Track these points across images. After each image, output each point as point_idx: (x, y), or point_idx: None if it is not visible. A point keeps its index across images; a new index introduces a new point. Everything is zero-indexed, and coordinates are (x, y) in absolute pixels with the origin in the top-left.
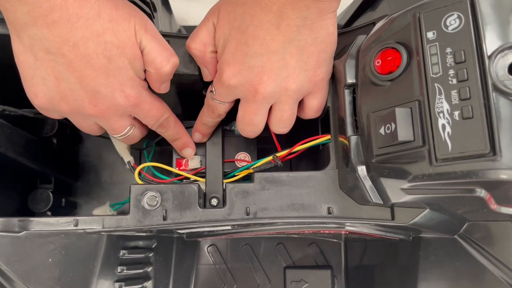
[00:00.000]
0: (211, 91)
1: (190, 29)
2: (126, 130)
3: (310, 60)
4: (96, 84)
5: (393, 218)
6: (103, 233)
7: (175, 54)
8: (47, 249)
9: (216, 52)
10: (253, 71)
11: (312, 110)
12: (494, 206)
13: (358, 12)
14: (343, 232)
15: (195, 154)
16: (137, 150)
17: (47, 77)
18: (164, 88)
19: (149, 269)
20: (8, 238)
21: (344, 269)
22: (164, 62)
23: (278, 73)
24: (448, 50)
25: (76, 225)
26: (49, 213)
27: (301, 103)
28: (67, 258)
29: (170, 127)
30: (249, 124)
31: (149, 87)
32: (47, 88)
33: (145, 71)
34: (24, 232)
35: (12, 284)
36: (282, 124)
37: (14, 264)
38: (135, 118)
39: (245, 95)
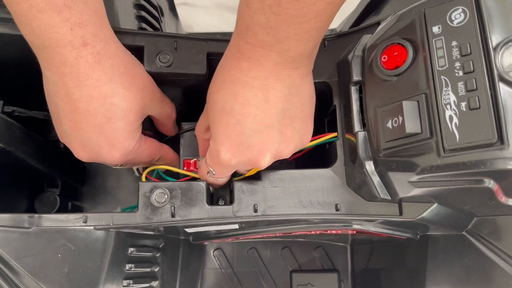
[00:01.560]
0: (210, 172)
1: (195, 35)
2: (119, 166)
3: (301, 128)
4: (86, 138)
5: (401, 214)
6: (111, 230)
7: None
8: (56, 244)
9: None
10: (254, 150)
11: None
12: (502, 198)
13: (362, 17)
14: (350, 232)
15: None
16: None
17: (52, 113)
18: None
19: (156, 269)
20: (17, 234)
21: (351, 273)
22: (169, 127)
23: (278, 147)
24: (454, 43)
25: (86, 222)
26: None
27: None
28: (76, 254)
29: (162, 163)
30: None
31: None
32: (53, 121)
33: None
34: (34, 227)
35: (21, 279)
36: None
37: (23, 260)
38: None
39: (244, 167)
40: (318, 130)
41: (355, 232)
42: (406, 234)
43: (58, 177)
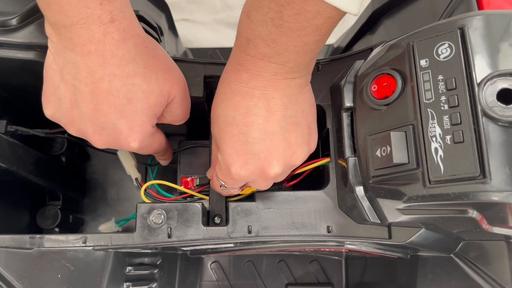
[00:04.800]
0: (222, 186)
1: (195, 51)
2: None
3: (305, 134)
4: (105, 121)
5: (390, 237)
6: (110, 250)
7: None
8: (57, 265)
9: None
10: (260, 157)
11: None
12: (486, 226)
13: (358, 36)
14: (343, 250)
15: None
16: (144, 165)
17: (63, 99)
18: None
19: (154, 285)
20: (20, 255)
21: (345, 286)
22: (184, 117)
23: (284, 153)
24: (440, 77)
25: (85, 242)
26: (57, 229)
27: None
28: (76, 274)
29: (161, 158)
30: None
31: None
32: (59, 109)
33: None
34: (35, 248)
35: None
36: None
37: (25, 280)
38: None
39: (255, 179)
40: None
41: (348, 250)
42: (397, 254)
43: (59, 191)
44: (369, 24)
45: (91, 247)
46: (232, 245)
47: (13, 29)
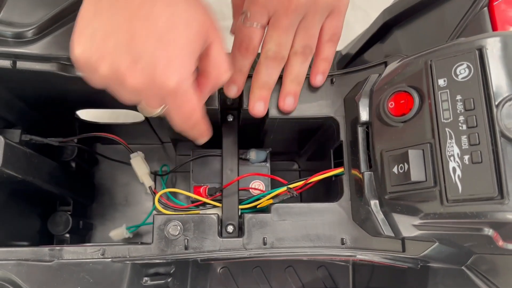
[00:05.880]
0: (243, 14)
1: None
2: (160, 109)
3: None
4: (143, 48)
5: (404, 250)
6: (127, 262)
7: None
8: (76, 277)
9: None
10: None
11: (331, 31)
12: (501, 243)
13: (367, 44)
14: (353, 259)
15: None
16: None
17: (97, 31)
18: (208, 95)
19: None
20: (39, 267)
21: None
22: (227, 68)
23: None
24: (458, 97)
25: (103, 254)
26: (67, 235)
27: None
28: (95, 286)
29: (193, 130)
30: (277, 53)
31: None
32: (91, 44)
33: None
34: (55, 261)
35: None
36: (298, 79)
37: None
38: None
39: (278, 9)
40: (322, 160)
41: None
42: (407, 264)
43: (70, 197)
44: (380, 34)
45: (109, 259)
46: (246, 255)
47: (30, 41)
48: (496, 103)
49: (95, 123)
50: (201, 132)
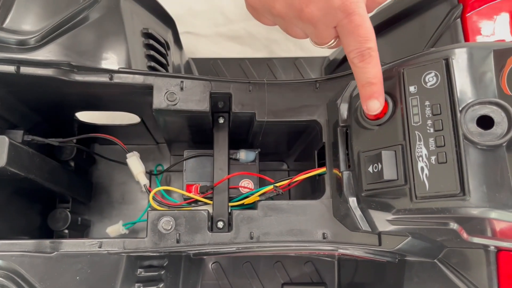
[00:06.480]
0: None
1: (198, 60)
2: (331, 42)
3: None
4: None
5: (380, 244)
6: (123, 254)
7: None
8: (75, 268)
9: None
10: None
11: None
12: (466, 236)
13: None
14: (336, 253)
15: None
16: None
17: None
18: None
19: (161, 285)
20: (41, 259)
21: (337, 286)
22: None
23: None
24: (427, 103)
25: (100, 247)
26: (66, 231)
27: None
28: (92, 276)
29: (370, 63)
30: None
31: None
32: None
33: None
34: (55, 253)
35: None
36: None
37: (46, 282)
38: None
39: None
40: (309, 161)
41: (340, 254)
42: (386, 258)
43: (68, 194)
44: None
45: (106, 251)
46: (234, 248)
47: (33, 48)
48: (460, 108)
49: (93, 124)
50: (376, 71)
